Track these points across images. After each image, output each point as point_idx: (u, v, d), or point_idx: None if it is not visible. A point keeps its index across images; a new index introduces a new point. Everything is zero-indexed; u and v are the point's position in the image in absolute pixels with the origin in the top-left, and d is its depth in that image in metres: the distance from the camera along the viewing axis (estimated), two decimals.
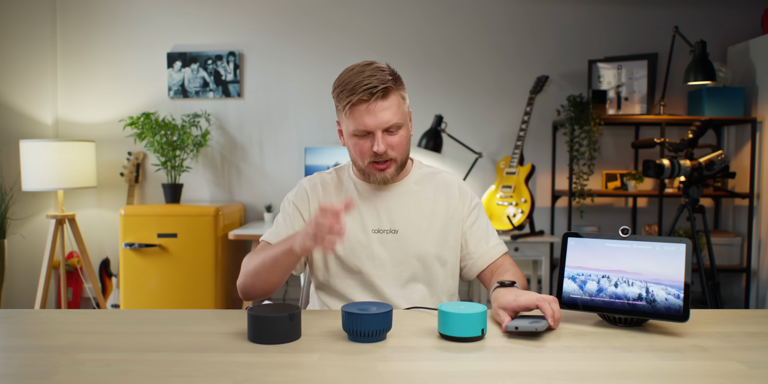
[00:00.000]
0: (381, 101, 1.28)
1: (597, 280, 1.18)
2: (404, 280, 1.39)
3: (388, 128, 1.31)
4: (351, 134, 1.33)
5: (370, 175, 1.36)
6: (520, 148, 3.16)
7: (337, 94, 1.32)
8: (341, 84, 1.31)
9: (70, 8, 3.48)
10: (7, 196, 3.03)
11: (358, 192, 1.43)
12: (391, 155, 1.33)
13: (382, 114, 1.29)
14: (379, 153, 1.31)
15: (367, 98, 1.27)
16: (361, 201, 1.42)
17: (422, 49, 3.49)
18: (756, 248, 3.18)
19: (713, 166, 2.54)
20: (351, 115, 1.30)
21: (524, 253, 3.05)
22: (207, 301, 3.00)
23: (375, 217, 1.40)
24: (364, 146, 1.32)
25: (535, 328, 1.07)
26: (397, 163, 1.36)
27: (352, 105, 1.28)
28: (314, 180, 1.47)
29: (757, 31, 3.44)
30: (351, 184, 1.45)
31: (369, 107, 1.28)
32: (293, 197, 1.46)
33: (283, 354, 1.00)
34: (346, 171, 1.48)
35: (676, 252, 1.13)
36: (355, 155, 1.36)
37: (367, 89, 1.27)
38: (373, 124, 1.29)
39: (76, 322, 1.19)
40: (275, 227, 1.44)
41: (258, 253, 1.33)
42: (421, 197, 1.44)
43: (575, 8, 3.48)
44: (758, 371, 0.92)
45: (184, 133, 3.27)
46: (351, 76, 1.30)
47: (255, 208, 3.54)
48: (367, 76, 1.28)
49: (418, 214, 1.41)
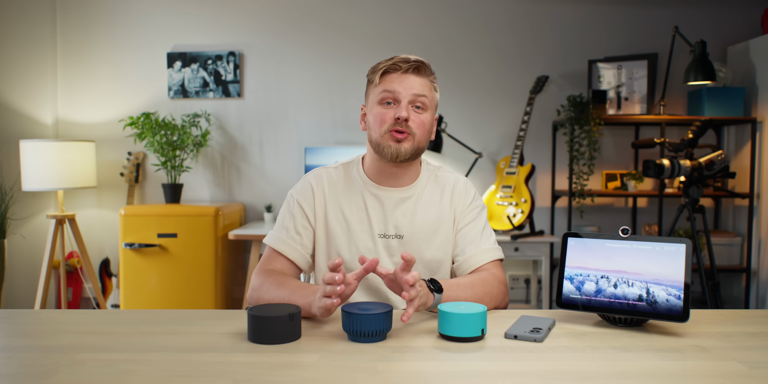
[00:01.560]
0: (414, 74, 1.33)
1: (596, 281, 1.18)
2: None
3: (414, 101, 1.32)
4: (376, 103, 1.33)
5: (385, 146, 1.32)
6: (520, 148, 3.16)
7: (373, 68, 1.36)
8: (379, 63, 1.36)
9: (70, 8, 3.48)
10: (7, 196, 3.03)
11: (366, 191, 1.40)
12: (412, 129, 1.31)
13: (412, 84, 1.32)
14: (402, 119, 1.29)
15: (400, 67, 1.32)
16: (368, 202, 1.39)
17: (422, 49, 3.48)
18: (756, 248, 3.18)
19: (713, 166, 2.53)
20: (382, 81, 1.33)
21: (524, 253, 3.05)
22: (207, 301, 3.00)
23: (381, 221, 1.38)
24: (387, 114, 1.32)
25: (533, 338, 1.07)
26: (415, 141, 1.32)
27: (385, 71, 1.33)
28: (321, 176, 1.42)
29: (757, 31, 3.44)
30: (359, 181, 1.41)
31: (401, 75, 1.32)
32: (297, 194, 1.41)
33: (283, 354, 0.99)
34: (355, 167, 1.44)
35: (676, 252, 1.13)
36: (374, 125, 1.34)
37: (404, 60, 1.32)
38: (401, 90, 1.31)
39: (76, 322, 1.19)
40: (278, 229, 1.40)
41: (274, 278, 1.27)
42: (429, 201, 1.41)
43: (575, 8, 3.48)
44: (758, 371, 0.92)
45: (184, 133, 3.27)
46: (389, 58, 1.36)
47: (255, 208, 3.54)
48: (405, 56, 1.34)
49: (425, 218, 1.39)
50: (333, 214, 1.39)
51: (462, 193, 1.43)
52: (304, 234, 1.39)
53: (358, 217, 1.38)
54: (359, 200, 1.39)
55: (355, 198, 1.40)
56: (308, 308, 1.15)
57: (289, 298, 1.20)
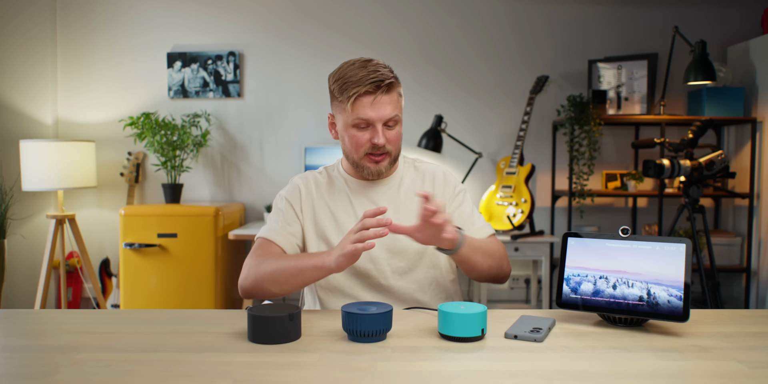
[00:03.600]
0: (385, 95, 1.32)
1: (595, 281, 1.18)
2: (402, 270, 1.41)
3: (387, 122, 1.34)
4: (350, 125, 1.35)
5: (364, 168, 1.39)
6: (520, 148, 3.16)
7: (339, 86, 1.33)
8: (344, 76, 1.32)
9: (70, 8, 3.48)
10: (7, 196, 3.03)
11: (349, 188, 1.46)
12: (388, 149, 1.37)
13: (384, 107, 1.32)
14: (379, 145, 1.33)
15: (373, 91, 1.30)
16: (353, 196, 1.45)
17: (422, 48, 3.49)
18: (756, 248, 3.18)
19: (713, 166, 2.53)
20: (354, 106, 1.32)
21: (524, 253, 3.05)
22: (207, 301, 3.00)
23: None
24: (362, 138, 1.35)
25: (533, 338, 1.07)
26: (391, 156, 1.39)
27: (358, 96, 1.31)
28: (307, 178, 1.49)
29: (757, 31, 3.44)
30: (341, 181, 1.47)
31: (375, 100, 1.31)
32: (286, 194, 1.47)
33: (283, 354, 1.00)
34: (336, 168, 1.51)
35: (676, 252, 1.13)
36: (350, 147, 1.37)
37: (373, 82, 1.30)
38: (375, 117, 1.32)
39: (76, 322, 1.19)
40: (270, 224, 1.44)
41: (271, 256, 1.32)
42: (410, 189, 1.47)
43: (575, 8, 3.48)
44: (758, 371, 0.92)
45: (184, 133, 3.27)
46: (354, 69, 1.32)
47: (255, 208, 3.54)
48: (372, 71, 1.31)
49: (408, 203, 1.44)
50: (321, 212, 1.44)
51: (443, 181, 1.50)
52: (294, 225, 1.43)
53: (344, 211, 1.43)
54: (344, 196, 1.45)
55: (339, 195, 1.46)
56: (320, 263, 1.19)
57: (295, 264, 1.23)
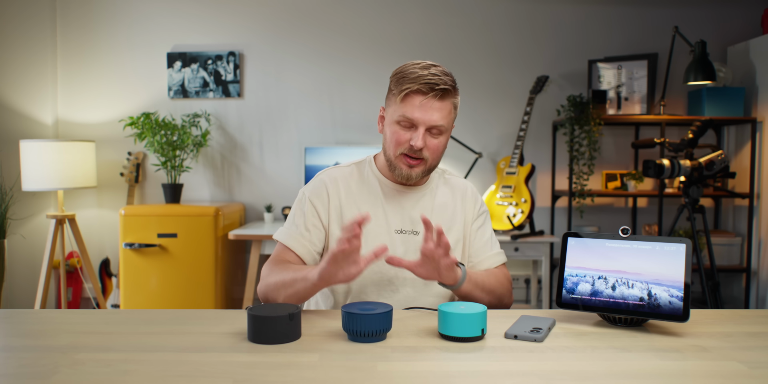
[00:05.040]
0: (436, 100, 1.29)
1: (594, 282, 1.18)
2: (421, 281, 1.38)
3: (431, 129, 1.30)
4: (395, 121, 1.32)
5: (397, 167, 1.35)
6: (520, 148, 3.16)
7: (398, 79, 1.31)
8: (405, 71, 1.31)
9: (70, 8, 3.48)
10: (7, 196, 3.03)
11: (382, 190, 1.42)
12: (425, 155, 1.33)
13: (432, 112, 1.29)
14: (416, 148, 1.30)
15: (425, 91, 1.28)
16: (385, 200, 1.41)
17: (422, 49, 3.49)
18: (756, 248, 3.18)
19: (713, 166, 2.53)
20: (403, 102, 1.29)
21: (524, 253, 3.05)
22: (207, 301, 3.00)
23: (398, 217, 1.40)
24: (403, 136, 1.31)
25: (533, 338, 1.07)
26: (427, 165, 1.35)
27: (410, 92, 1.28)
28: (334, 175, 1.43)
29: (757, 31, 3.44)
30: (374, 180, 1.43)
31: (424, 101, 1.28)
32: (310, 193, 1.41)
33: (283, 354, 0.99)
34: (368, 166, 1.45)
35: (676, 252, 1.13)
36: (389, 143, 1.34)
37: (429, 83, 1.27)
38: (420, 119, 1.29)
39: (76, 322, 1.19)
40: (289, 225, 1.40)
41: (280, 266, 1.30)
42: (442, 200, 1.44)
43: (575, 8, 3.48)
44: (758, 371, 0.92)
45: (184, 133, 3.27)
46: (417, 68, 1.30)
47: (255, 208, 3.54)
48: (433, 74, 1.29)
49: (440, 216, 1.42)
50: (350, 213, 1.40)
51: (472, 199, 1.48)
52: (314, 232, 1.39)
53: (374, 213, 1.39)
54: (375, 198, 1.41)
55: (371, 196, 1.41)
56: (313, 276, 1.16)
57: (293, 276, 1.22)
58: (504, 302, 1.38)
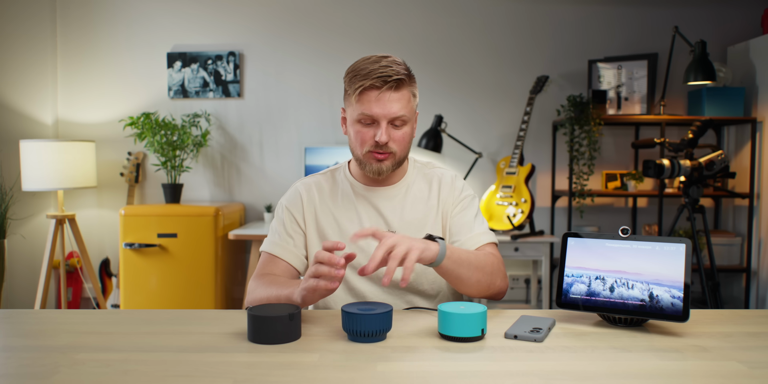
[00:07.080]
0: (392, 92, 1.28)
1: (593, 282, 1.18)
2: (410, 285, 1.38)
3: (393, 121, 1.30)
4: (355, 120, 1.31)
5: (366, 164, 1.34)
6: (520, 148, 3.16)
7: (350, 79, 1.30)
8: (355, 69, 1.30)
9: (70, 8, 3.48)
10: (7, 196, 3.03)
11: (354, 192, 1.42)
12: (392, 148, 1.32)
13: (390, 104, 1.28)
14: (380, 143, 1.29)
15: (379, 85, 1.26)
16: (357, 202, 1.41)
17: (422, 49, 3.49)
18: (756, 248, 3.18)
19: (713, 166, 2.53)
20: (359, 100, 1.28)
21: (524, 253, 3.05)
22: (207, 301, 3.00)
23: (373, 219, 1.40)
24: (366, 134, 1.31)
25: (533, 338, 1.07)
26: (396, 158, 1.34)
27: (363, 89, 1.27)
28: (308, 183, 1.45)
29: (757, 31, 3.44)
30: (347, 184, 1.44)
31: (380, 95, 1.27)
32: (286, 202, 1.44)
33: (283, 354, 0.99)
34: (342, 171, 1.47)
35: (676, 252, 1.13)
36: (354, 142, 1.34)
37: (381, 77, 1.26)
38: (380, 113, 1.28)
39: (76, 322, 1.19)
40: (271, 235, 1.42)
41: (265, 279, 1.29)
42: (417, 196, 1.43)
43: (575, 8, 3.48)
44: (758, 371, 0.92)
45: (184, 133, 3.27)
46: (367, 63, 1.29)
47: (255, 208, 3.54)
48: (384, 66, 1.27)
49: (413, 214, 1.41)
50: (324, 218, 1.41)
51: (449, 185, 1.44)
52: (296, 238, 1.41)
53: (348, 218, 1.40)
54: (348, 202, 1.42)
55: (344, 201, 1.42)
56: (291, 296, 1.16)
57: (277, 293, 1.21)
58: (496, 283, 1.30)
